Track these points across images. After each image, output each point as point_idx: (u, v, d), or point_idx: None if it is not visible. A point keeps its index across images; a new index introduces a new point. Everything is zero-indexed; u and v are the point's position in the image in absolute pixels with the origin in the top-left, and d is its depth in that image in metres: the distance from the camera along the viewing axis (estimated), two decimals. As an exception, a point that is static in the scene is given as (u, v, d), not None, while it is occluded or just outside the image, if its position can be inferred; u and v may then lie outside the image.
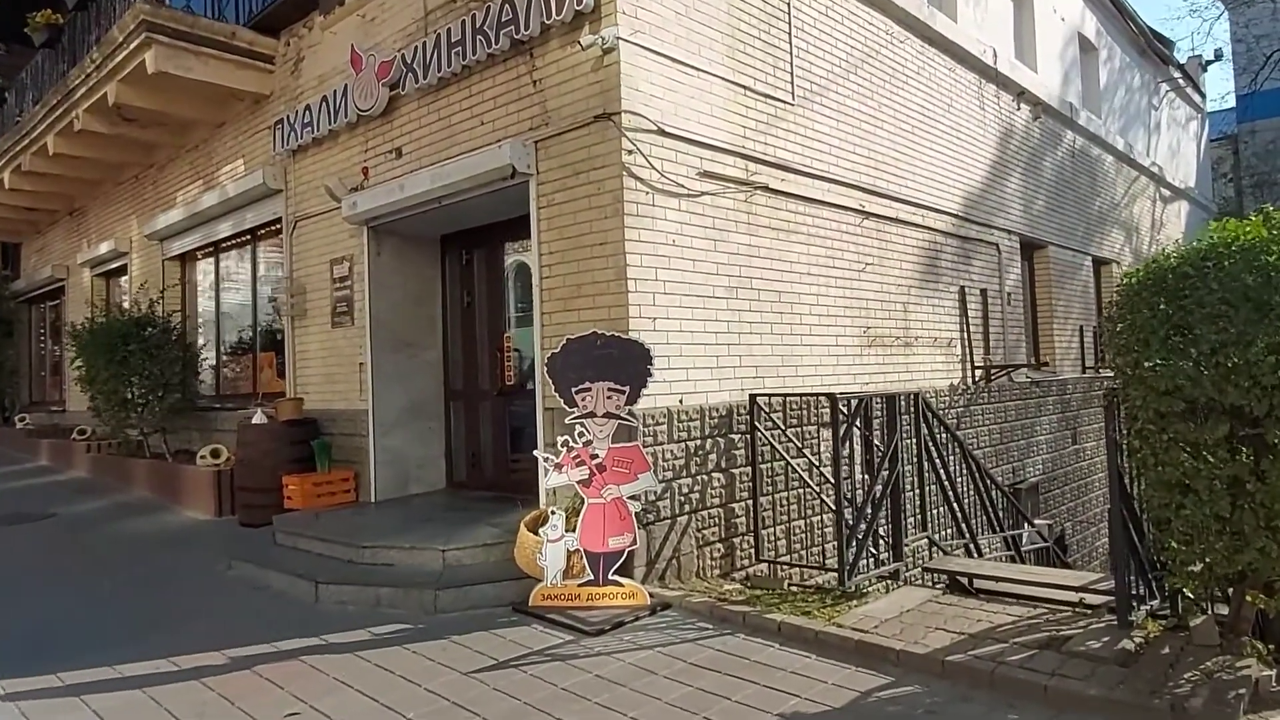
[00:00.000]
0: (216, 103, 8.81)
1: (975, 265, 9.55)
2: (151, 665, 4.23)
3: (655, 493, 5.36)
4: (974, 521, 6.86)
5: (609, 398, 4.98)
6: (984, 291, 9.67)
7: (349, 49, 7.21)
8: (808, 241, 6.97)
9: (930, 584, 5.75)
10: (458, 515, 6.42)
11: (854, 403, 5.32)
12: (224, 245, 9.74)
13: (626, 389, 4.99)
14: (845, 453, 5.27)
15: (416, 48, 6.60)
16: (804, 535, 6.60)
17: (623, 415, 5.01)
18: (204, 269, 10.38)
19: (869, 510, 5.26)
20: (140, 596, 5.52)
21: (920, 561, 6.30)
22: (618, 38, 5.37)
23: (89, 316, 9.74)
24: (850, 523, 5.10)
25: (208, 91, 8.41)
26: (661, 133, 5.65)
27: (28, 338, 15.76)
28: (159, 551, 6.74)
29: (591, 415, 5.00)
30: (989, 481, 7.06)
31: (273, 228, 8.70)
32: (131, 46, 7.81)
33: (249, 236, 9.24)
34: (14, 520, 8.04)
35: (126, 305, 10.34)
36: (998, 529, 6.99)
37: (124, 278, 11.68)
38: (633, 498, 5.04)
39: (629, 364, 4.98)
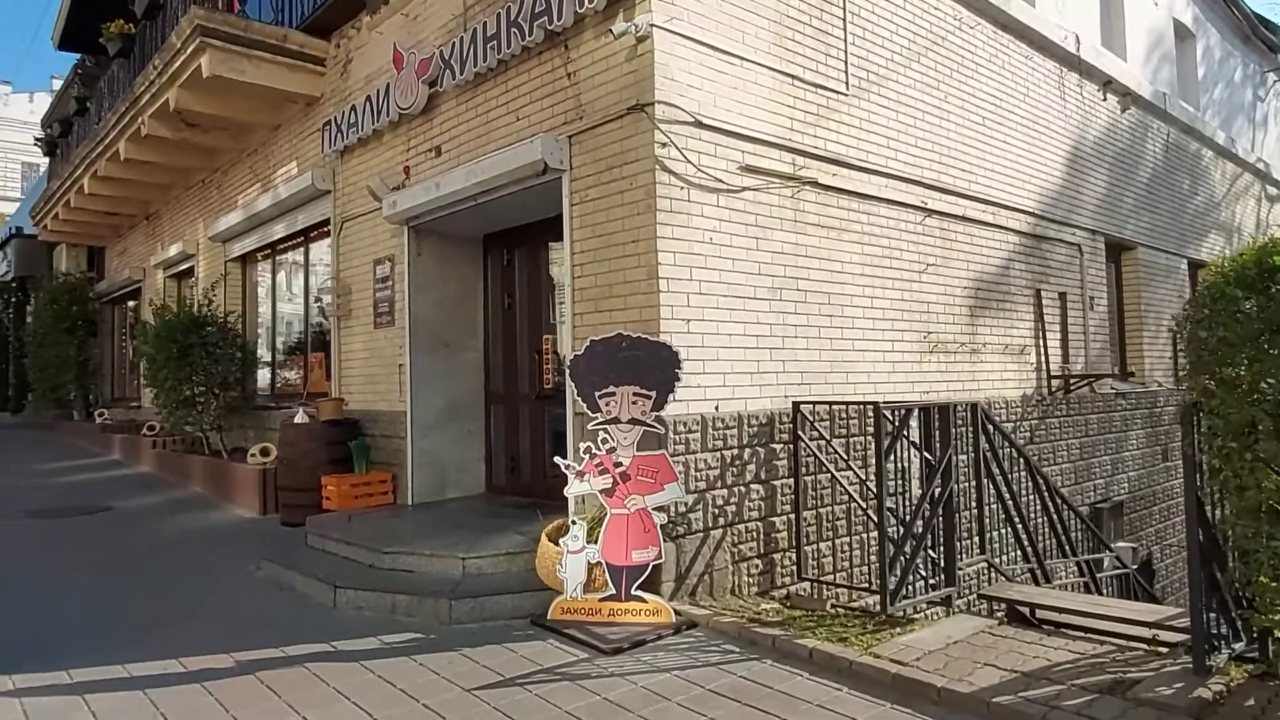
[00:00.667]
0: (271, 106, 8.89)
1: (1053, 267, 8.93)
2: (160, 666, 4.13)
3: (685, 504, 5.06)
4: (1043, 544, 6.30)
5: (634, 403, 4.70)
6: (1063, 295, 9.03)
7: (392, 48, 7.14)
8: (861, 240, 6.56)
9: (986, 613, 5.28)
10: (489, 521, 6.23)
11: (900, 412, 4.89)
12: (279, 247, 9.86)
13: (653, 394, 4.70)
14: (891, 466, 4.86)
15: (454, 44, 6.47)
16: (852, 553, 6.19)
17: (648, 422, 4.72)
18: (261, 270, 10.55)
19: (916, 529, 4.83)
20: (168, 593, 5.49)
21: (978, 586, 5.81)
22: (652, 25, 5.10)
23: (153, 316, 9.97)
24: (894, 542, 4.69)
25: (261, 95, 8.48)
26: (699, 125, 5.35)
27: (110, 337, 16.41)
28: (197, 549, 6.75)
29: (615, 421, 4.73)
30: (1060, 500, 6.48)
31: (323, 229, 8.73)
32: (188, 52, 7.93)
33: (301, 238, 9.30)
34: (73, 513, 8.23)
35: (192, 305, 10.56)
36: (1071, 553, 6.41)
37: (192, 279, 11.98)
38: (658, 509, 4.74)
39: (656, 368, 4.70)
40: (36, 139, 16.97)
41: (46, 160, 17.11)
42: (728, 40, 5.58)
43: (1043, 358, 8.70)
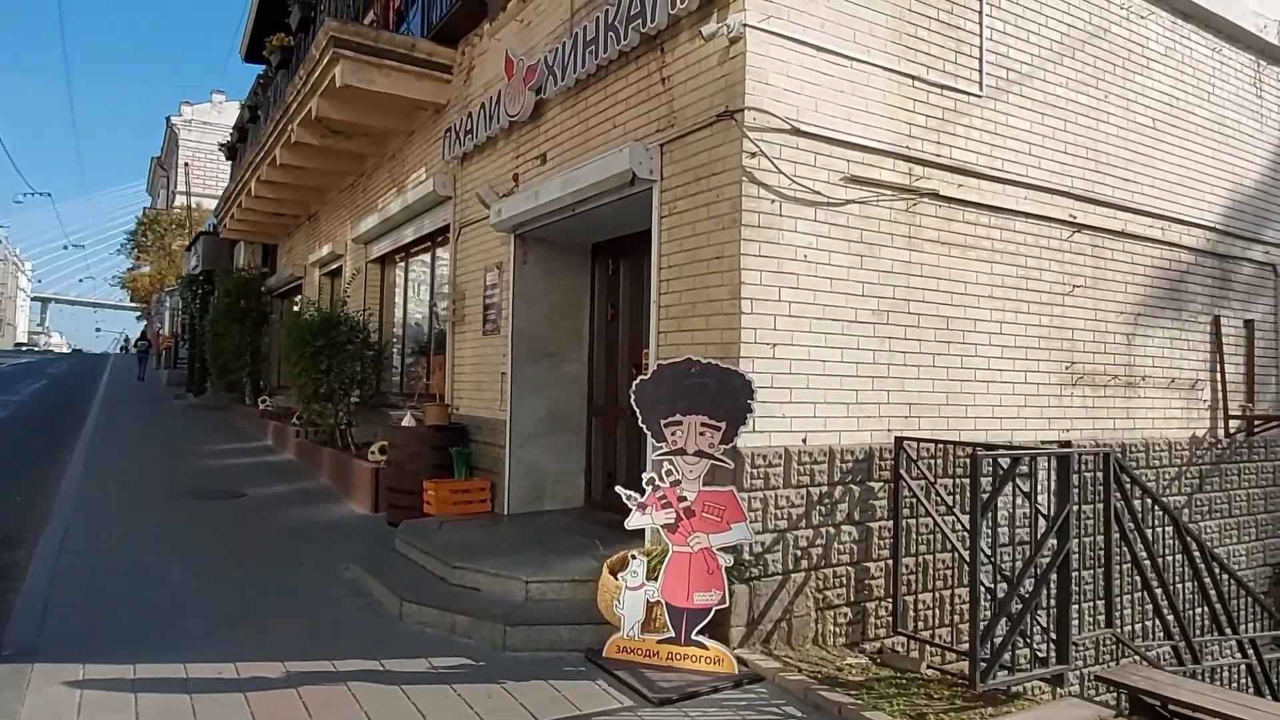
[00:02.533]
0: (403, 113, 9.15)
1: (1237, 290, 7.76)
2: (216, 669, 4.22)
3: (762, 544, 4.67)
4: (1191, 615, 5.41)
5: (702, 434, 4.37)
6: (1249, 323, 7.84)
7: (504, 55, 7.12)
8: (990, 258, 5.89)
9: (1105, 699, 4.54)
10: (572, 540, 6.06)
11: (1006, 462, 4.28)
12: (410, 250, 10.17)
13: (722, 425, 4.35)
14: (1002, 515, 4.27)
15: (557, 49, 6.34)
16: (962, 607, 5.55)
17: (716, 455, 4.37)
18: (396, 272, 10.93)
19: (1024, 590, 4.22)
20: (262, 589, 5.67)
21: (1101, 660, 5.05)
22: (745, 25, 4.73)
23: (294, 312, 10.56)
24: (993, 605, 4.10)
25: (392, 103, 8.74)
26: (796, 132, 4.93)
27: (279, 327, 17.66)
28: (305, 543, 7.00)
29: (682, 452, 4.41)
30: (1218, 565, 5.55)
31: (445, 234, 8.89)
32: (324, 62, 8.26)
33: (428, 242, 9.53)
34: (212, 496, 8.80)
35: (341, 303, 11.11)
36: (1230, 630, 5.47)
37: (342, 278, 12.62)
38: (724, 550, 4.39)
39: (726, 397, 4.34)
40: (220, 144, 18.57)
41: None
42: (835, 39, 5.12)
43: (1219, 394, 7.57)
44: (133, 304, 61.22)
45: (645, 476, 4.47)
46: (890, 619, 5.22)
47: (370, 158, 10.91)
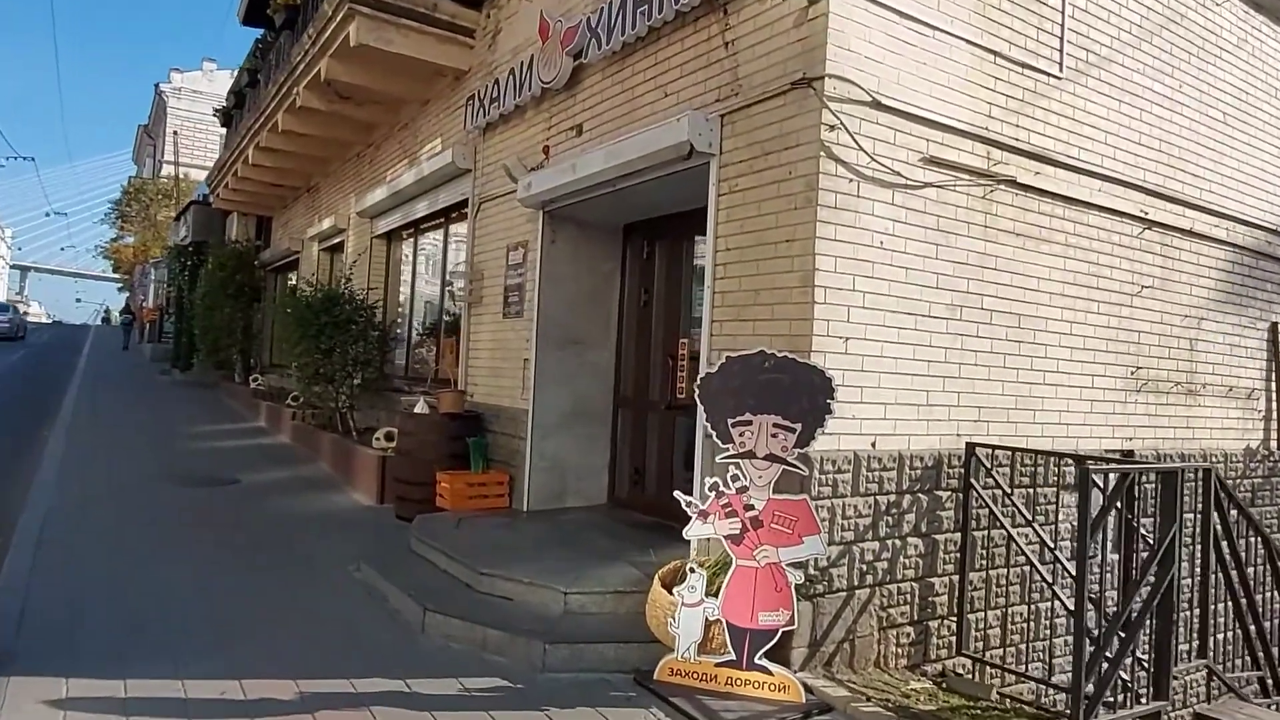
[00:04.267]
0: (420, 79, 8.62)
1: (1297, 295, 7.38)
2: (218, 688, 3.72)
3: (828, 558, 4.24)
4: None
5: (774, 435, 3.92)
6: (1305, 331, 7.46)
7: (539, 17, 6.60)
8: (1064, 253, 5.47)
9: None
10: (602, 543, 5.62)
11: (1113, 476, 3.86)
12: (421, 226, 9.66)
13: (797, 427, 3.90)
14: (1101, 541, 3.86)
15: (602, 10, 5.83)
16: (1024, 626, 5.16)
17: (789, 460, 3.93)
18: (404, 249, 10.40)
19: (1126, 625, 3.81)
20: (264, 589, 5.18)
21: (1186, 697, 4.67)
22: (828, -18, 4.27)
23: (293, 290, 10.03)
24: (1096, 640, 3.69)
25: (410, 67, 8.21)
26: (876, 105, 4.48)
27: (272, 304, 17.03)
28: (306, 536, 6.51)
29: (750, 456, 3.96)
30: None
31: (462, 210, 8.39)
32: (338, 19, 7.73)
33: (441, 218, 9.03)
34: (199, 482, 8.28)
35: (340, 280, 10.56)
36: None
37: (342, 254, 12.06)
38: (794, 565, 3.95)
39: (802, 395, 3.90)
40: (215, 110, 17.87)
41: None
42: (918, 5, 4.66)
43: (1274, 404, 7.22)
44: (115, 275, 60.15)
45: (708, 481, 4.02)
46: (953, 639, 4.82)
47: (380, 127, 10.36)
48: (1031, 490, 5.15)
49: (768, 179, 4.57)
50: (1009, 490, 4.76)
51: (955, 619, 4.82)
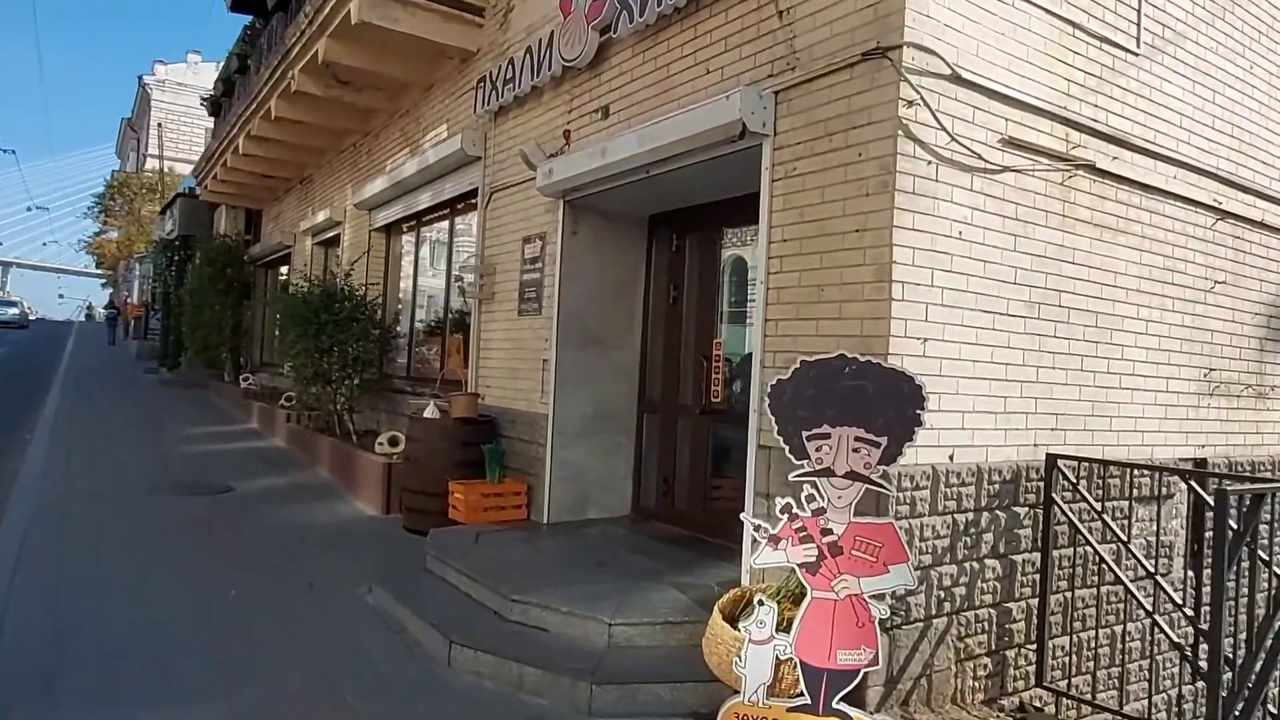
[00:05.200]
0: (425, 62, 8.11)
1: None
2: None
3: (910, 589, 3.78)
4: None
5: (855, 450, 3.45)
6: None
7: (560, -10, 6.11)
8: (1140, 246, 5.03)
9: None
10: (637, 561, 5.14)
11: (1247, 500, 3.41)
12: (424, 218, 9.15)
13: (882, 441, 3.43)
14: (1237, 574, 3.40)
15: (635, -22, 5.34)
16: (1099, 654, 4.72)
17: (873, 479, 3.46)
18: (405, 242, 9.89)
19: (1255, 674, 3.37)
20: (263, 616, 4.68)
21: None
22: (906, -61, 3.79)
23: (285, 286, 9.50)
24: (1228, 693, 3.25)
25: (415, 48, 7.69)
26: (956, 79, 4.01)
27: (262, 300, 16.44)
28: (309, 552, 6.00)
29: (828, 473, 3.49)
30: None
31: (469, 200, 7.90)
32: (338, -5, 7.19)
33: (447, 209, 8.52)
34: (197, 490, 7.74)
35: (337, 276, 10.02)
36: None
37: (338, 248, 11.53)
38: (877, 597, 3.49)
39: (889, 405, 3.43)
40: (203, 98, 17.23)
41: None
42: (999, -31, 4.20)
43: (1336, 407, 6.81)
44: (98, 270, 59.19)
45: (779, 501, 3.54)
46: (1031, 669, 4.38)
47: (379, 114, 9.82)
48: (1104, 502, 4.70)
49: (833, 161, 4.10)
50: (1099, 507, 4.32)
51: (1034, 647, 4.38)
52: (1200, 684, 4.16)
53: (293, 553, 5.98)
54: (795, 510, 3.51)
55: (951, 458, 4.06)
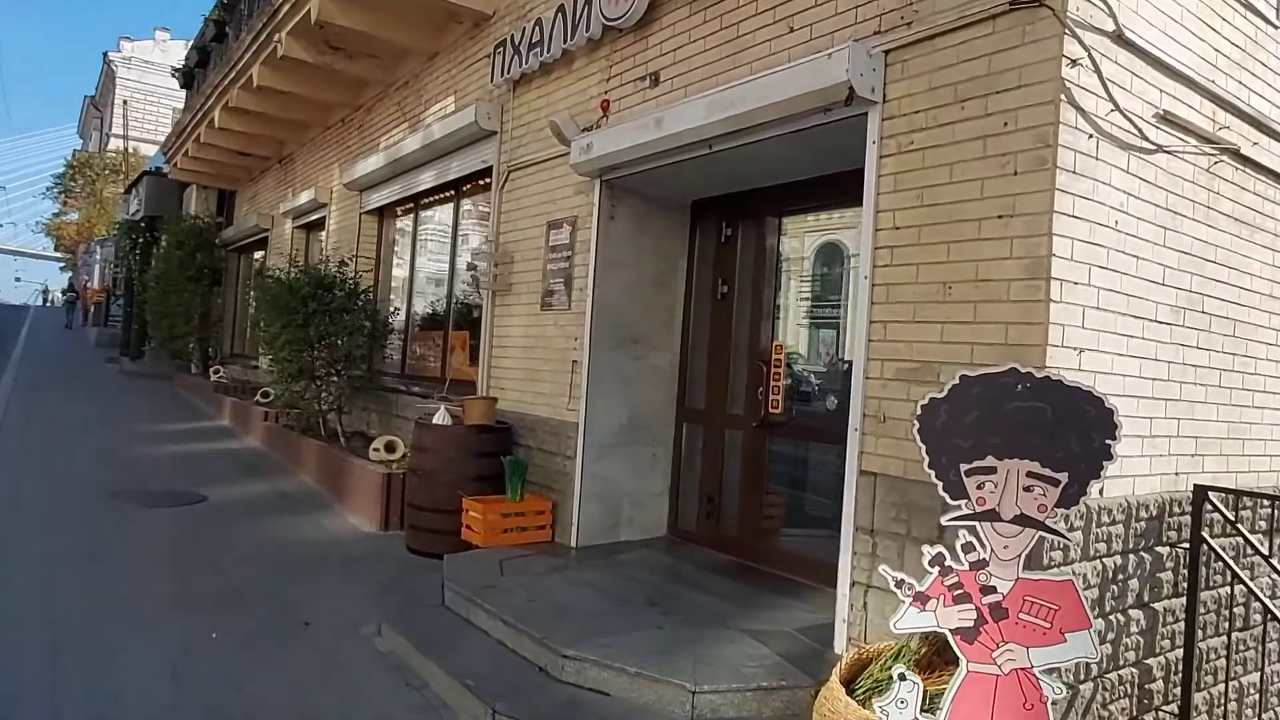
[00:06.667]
0: (431, 25, 7.30)
1: None
2: None
3: (1092, 662, 3.09)
4: None
5: (1027, 490, 2.76)
6: None
7: (601, -61, 5.35)
8: (1273, 244, 4.41)
9: None
10: (693, 600, 4.43)
11: None
12: (424, 200, 8.32)
13: (1062, 478, 2.75)
14: None
15: (701, -79, 4.61)
16: (1233, 709, 4.09)
17: (1048, 525, 2.77)
18: (401, 226, 9.06)
19: None
20: (242, 663, 3.87)
21: None
22: None
23: (270, 273, 8.64)
24: None
25: (419, 7, 6.90)
26: (1119, 38, 3.34)
27: (234, 288, 15.44)
28: (299, 579, 5.19)
29: (993, 517, 2.80)
30: None
31: (479, 180, 7.11)
32: (339, -56, 6.37)
33: (452, 191, 7.71)
34: (162, 500, 6.87)
35: (322, 263, 9.16)
36: None
37: (323, 231, 10.64)
38: (1048, 671, 2.80)
39: (1070, 433, 2.74)
40: (174, 69, 16.14)
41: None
42: (1159, -89, 3.53)
43: None
44: (57, 253, 57.17)
45: (929, 551, 2.84)
46: (1170, 736, 3.74)
47: (373, 85, 8.96)
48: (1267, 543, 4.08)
49: (965, 134, 3.40)
50: (1267, 550, 3.68)
51: (1171, 708, 3.74)
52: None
53: (280, 579, 5.17)
54: (949, 562, 2.81)
55: (1101, 492, 3.38)
